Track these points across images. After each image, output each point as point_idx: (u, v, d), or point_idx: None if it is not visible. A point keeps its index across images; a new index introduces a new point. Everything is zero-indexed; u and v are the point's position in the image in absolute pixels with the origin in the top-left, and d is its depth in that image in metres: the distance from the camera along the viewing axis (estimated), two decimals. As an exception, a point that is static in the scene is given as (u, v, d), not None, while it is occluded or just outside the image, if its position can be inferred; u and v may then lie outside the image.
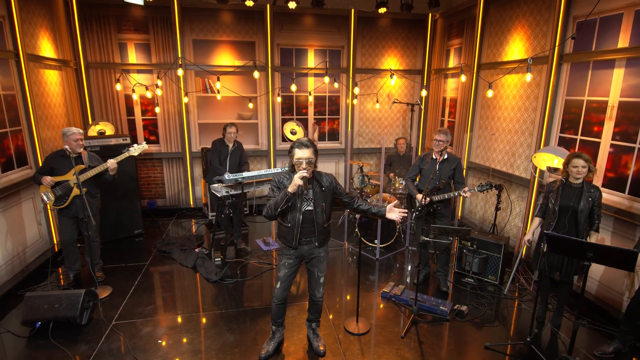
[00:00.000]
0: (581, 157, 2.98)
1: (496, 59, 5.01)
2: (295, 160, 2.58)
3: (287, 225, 2.71)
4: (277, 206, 2.57)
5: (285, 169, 4.27)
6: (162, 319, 3.46)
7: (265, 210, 2.65)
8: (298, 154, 2.58)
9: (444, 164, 3.77)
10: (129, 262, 4.55)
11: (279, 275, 2.85)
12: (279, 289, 2.86)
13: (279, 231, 2.82)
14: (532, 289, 4.02)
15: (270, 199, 2.67)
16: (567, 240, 2.42)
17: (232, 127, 4.65)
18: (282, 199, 2.54)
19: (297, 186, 2.50)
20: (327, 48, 6.45)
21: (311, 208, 2.69)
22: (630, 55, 3.28)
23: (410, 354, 3.05)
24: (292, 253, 2.79)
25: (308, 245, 2.78)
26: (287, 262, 2.81)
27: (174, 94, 6.02)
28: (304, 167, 2.55)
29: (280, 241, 2.85)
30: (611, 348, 2.95)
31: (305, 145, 2.58)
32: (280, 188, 2.68)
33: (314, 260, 2.85)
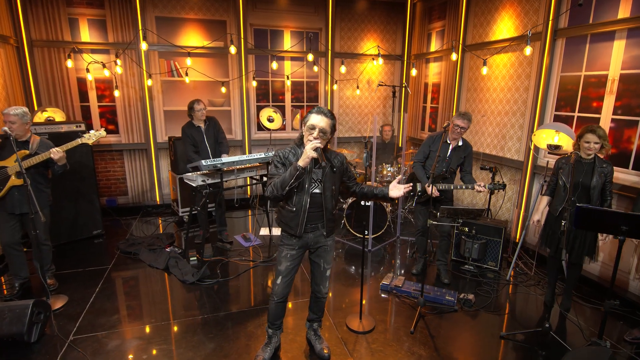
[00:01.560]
0: (595, 132, 2.81)
1: (483, 39, 4.86)
2: (307, 127, 2.19)
3: (292, 209, 2.30)
4: (284, 184, 2.15)
5: (270, 155, 3.88)
6: (132, 329, 2.93)
7: (270, 190, 2.22)
8: (313, 119, 2.18)
9: (456, 151, 3.48)
10: (88, 267, 3.92)
11: (279, 269, 2.43)
12: (279, 285, 2.44)
13: (281, 217, 2.40)
14: (532, 274, 3.87)
15: (274, 177, 2.26)
16: (600, 213, 2.21)
17: (200, 104, 4.13)
18: (291, 175, 2.13)
19: (310, 159, 2.10)
20: (304, 30, 6.05)
21: (319, 191, 2.31)
22: (632, 26, 3.18)
23: (425, 351, 2.74)
24: (295, 242, 2.39)
25: (314, 233, 2.38)
26: (289, 254, 2.40)
27: (135, 77, 5.38)
28: (315, 136, 2.16)
29: (281, 228, 2.43)
30: (634, 334, 2.80)
31: (325, 113, 2.19)
32: (286, 164, 2.27)
33: (320, 250, 2.46)
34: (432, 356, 2.69)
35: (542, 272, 3.87)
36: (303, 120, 2.26)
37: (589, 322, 3.11)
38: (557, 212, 3.03)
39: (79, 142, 3.26)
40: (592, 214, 2.23)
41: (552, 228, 3.11)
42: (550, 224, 3.14)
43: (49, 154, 3.11)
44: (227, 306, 3.27)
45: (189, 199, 5.23)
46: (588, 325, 3.06)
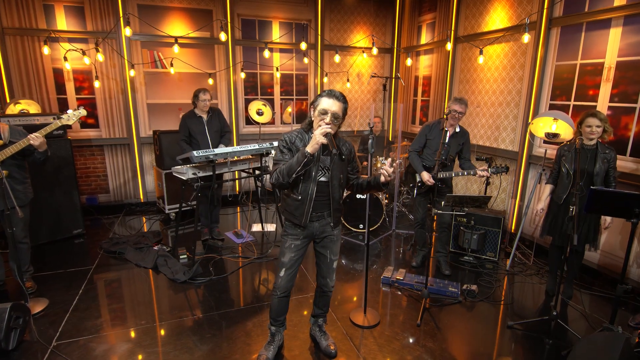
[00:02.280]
0: (596, 115, 2.79)
1: (475, 30, 4.83)
2: (319, 111, 2.05)
3: (297, 197, 2.16)
4: (291, 171, 2.01)
5: (264, 146, 3.72)
6: (120, 333, 2.72)
7: (275, 177, 2.08)
8: (325, 103, 2.05)
9: (454, 138, 3.42)
10: (69, 268, 3.66)
11: (283, 261, 2.28)
12: (283, 278, 2.29)
13: (285, 205, 2.26)
14: (531, 263, 3.86)
15: (279, 163, 2.12)
16: (614, 195, 2.17)
17: (206, 94, 3.90)
18: (298, 162, 1.98)
19: (319, 145, 1.96)
20: (293, 21, 5.90)
21: (326, 179, 2.17)
22: (628, 13, 3.19)
23: (433, 343, 2.65)
24: (300, 232, 2.25)
25: (319, 222, 2.25)
26: (294, 244, 2.26)
27: (116, 68, 5.10)
28: (328, 122, 2.02)
29: (285, 218, 2.29)
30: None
31: (337, 96, 2.06)
32: (292, 150, 2.13)
33: (327, 240, 2.33)
34: (441, 348, 2.60)
35: (540, 261, 3.87)
36: (312, 104, 2.14)
37: (592, 309, 3.10)
38: (562, 200, 3.00)
39: (59, 124, 3.00)
40: (606, 197, 2.19)
41: (555, 216, 3.08)
42: (553, 212, 3.11)
43: (27, 140, 2.86)
44: (222, 305, 3.09)
45: (177, 195, 5.00)
46: (592, 312, 3.05)
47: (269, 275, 3.64)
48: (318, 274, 2.46)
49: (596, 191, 2.18)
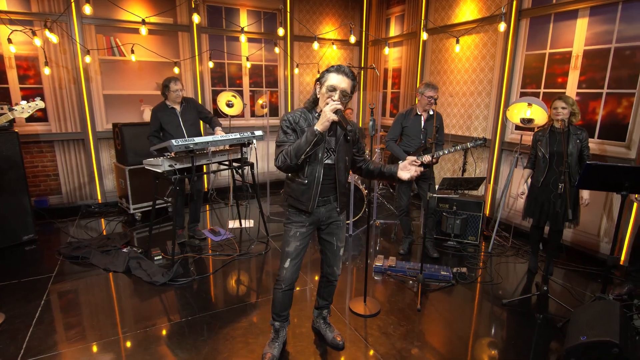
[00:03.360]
0: (562, 99, 2.96)
1: (445, 22, 4.95)
2: (327, 88, 1.92)
3: (304, 181, 2.02)
4: (299, 151, 1.86)
5: (246, 135, 3.51)
6: (102, 344, 2.40)
7: (281, 159, 1.92)
8: (333, 79, 1.92)
9: (429, 122, 3.45)
10: (24, 277, 3.21)
11: (287, 251, 2.13)
12: (288, 269, 2.14)
13: (290, 191, 2.11)
14: (509, 245, 4.01)
15: (283, 145, 1.96)
16: (607, 168, 2.27)
17: (177, 83, 3.55)
18: (307, 142, 1.84)
19: (329, 123, 1.84)
20: (262, 10, 5.69)
21: (332, 162, 2.05)
22: (594, 4, 3.41)
23: (437, 326, 2.64)
24: (305, 219, 2.11)
25: (325, 207, 2.13)
26: (299, 232, 2.12)
27: (67, 55, 4.59)
28: (337, 99, 1.90)
29: (289, 204, 2.14)
30: (625, 289, 2.98)
31: (346, 72, 1.93)
32: (296, 130, 1.98)
33: (333, 227, 2.21)
34: (445, 330, 2.59)
35: (517, 242, 4.04)
36: (318, 80, 2.00)
37: (572, 282, 3.27)
38: (540, 183, 3.14)
39: (10, 116, 2.61)
40: (600, 171, 2.29)
41: (535, 199, 3.21)
42: (533, 195, 3.24)
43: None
44: (211, 305, 2.86)
45: (144, 192, 4.62)
46: (573, 285, 3.22)
47: (255, 272, 3.44)
48: (324, 263, 2.33)
49: (591, 166, 2.27)
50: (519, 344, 2.47)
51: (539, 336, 2.56)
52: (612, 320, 2.15)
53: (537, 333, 2.59)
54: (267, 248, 3.86)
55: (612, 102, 3.40)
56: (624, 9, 3.22)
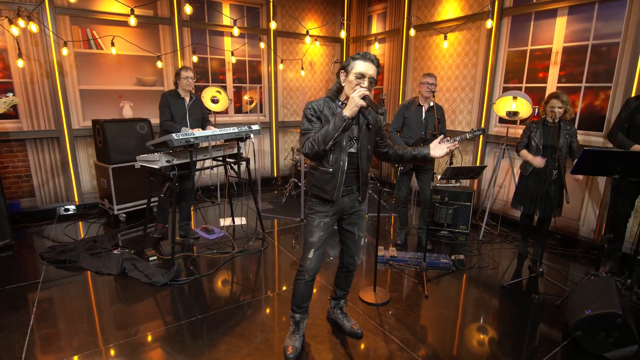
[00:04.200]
0: (559, 98, 3.12)
1: (428, 19, 5.11)
2: (355, 75, 1.92)
3: (328, 170, 2.02)
4: (327, 137, 1.86)
5: (244, 129, 3.45)
6: (115, 348, 2.28)
7: (309, 146, 1.92)
8: (360, 67, 1.92)
9: (430, 113, 3.55)
10: (7, 285, 2.97)
11: (311, 241, 2.12)
12: (312, 260, 2.13)
13: (314, 180, 2.10)
14: (497, 232, 4.21)
15: (309, 133, 1.96)
16: (602, 154, 2.45)
17: (189, 71, 3.48)
18: (335, 128, 1.85)
19: (358, 108, 1.85)
20: (244, 4, 5.60)
21: (355, 150, 2.06)
22: (572, 3, 3.65)
23: (447, 310, 2.73)
24: (329, 209, 2.11)
25: (349, 197, 2.14)
26: (323, 222, 2.11)
27: (39, 47, 4.28)
28: (366, 86, 1.92)
29: (312, 194, 2.13)
30: (607, 267, 3.21)
31: (372, 59, 1.94)
32: (321, 118, 1.98)
33: (355, 217, 2.22)
34: (455, 314, 2.69)
35: (505, 230, 4.24)
36: (343, 68, 2.00)
37: (559, 264, 3.49)
38: (529, 172, 3.31)
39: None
40: (595, 156, 2.46)
41: (526, 188, 3.39)
42: (522, 184, 3.42)
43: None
44: (220, 302, 2.80)
45: (129, 192, 4.41)
46: (561, 266, 3.44)
47: (258, 268, 3.39)
48: (344, 253, 2.34)
49: (589, 151, 2.43)
50: (524, 321, 2.61)
51: (539, 314, 2.71)
52: (611, 294, 2.32)
53: (537, 311, 2.74)
54: (266, 244, 3.81)
55: (590, 96, 3.66)
56: (600, 8, 3.48)
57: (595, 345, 2.26)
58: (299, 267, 2.20)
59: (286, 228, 4.32)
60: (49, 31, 4.26)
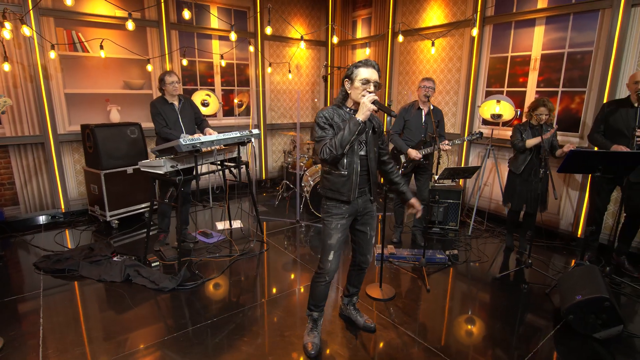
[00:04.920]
0: (546, 105, 3.37)
1: (413, 25, 5.32)
2: (360, 81, 2.04)
3: (343, 173, 2.13)
4: (344, 142, 1.97)
5: (245, 134, 3.50)
6: (143, 353, 2.28)
7: (327, 151, 2.01)
8: (364, 73, 2.04)
9: (429, 116, 3.72)
10: (6, 297, 2.88)
11: (330, 244, 2.22)
12: (332, 262, 2.23)
13: (329, 184, 2.19)
14: (484, 228, 4.46)
15: (324, 139, 2.05)
16: (586, 154, 2.70)
17: (173, 75, 3.44)
18: (351, 132, 1.96)
19: (370, 112, 1.97)
20: (232, 7, 5.61)
21: (364, 153, 2.19)
22: (549, 14, 3.94)
23: (451, 302, 2.91)
24: (345, 210, 2.21)
25: (362, 198, 2.26)
26: (340, 224, 2.22)
27: (22, 49, 4.14)
28: (372, 90, 2.04)
29: (328, 197, 2.22)
30: (586, 256, 3.49)
31: (373, 65, 2.07)
32: (333, 125, 2.08)
33: (367, 217, 2.34)
34: (458, 304, 2.88)
35: (491, 225, 4.50)
36: (347, 76, 2.11)
37: (543, 255, 3.77)
38: (520, 171, 3.55)
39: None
40: (580, 156, 2.71)
41: (514, 187, 3.63)
42: (510, 181, 3.66)
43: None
44: (232, 305, 2.84)
45: (122, 197, 4.34)
46: (545, 258, 3.71)
47: (264, 270, 3.45)
48: (356, 252, 2.45)
49: (573, 152, 2.68)
50: (519, 310, 2.82)
51: (531, 302, 2.94)
52: (597, 280, 2.57)
53: (528, 300, 2.97)
54: (267, 247, 3.87)
55: (567, 99, 3.97)
56: (575, 19, 3.79)
57: (585, 327, 2.49)
58: (318, 270, 2.29)
59: (283, 229, 4.39)
60: (34, 34, 4.11)
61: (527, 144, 3.41)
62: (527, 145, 3.41)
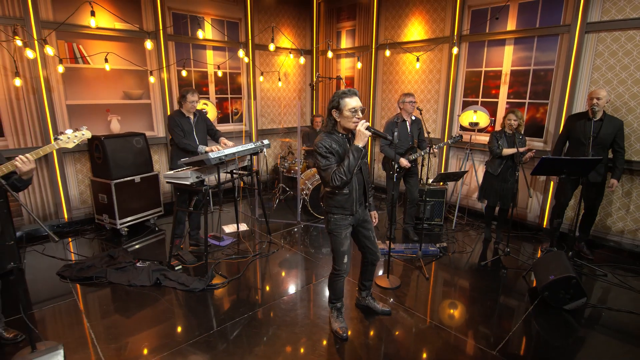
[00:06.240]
0: (515, 113, 3.96)
1: (395, 39, 5.81)
2: (349, 110, 2.34)
3: (345, 192, 2.49)
4: (351, 168, 2.32)
5: (258, 144, 3.82)
6: (191, 347, 2.58)
7: (339, 179, 2.32)
8: (351, 103, 2.34)
9: (413, 125, 4.21)
10: (44, 305, 3.05)
11: (343, 250, 2.60)
12: (347, 263, 2.65)
13: (334, 202, 2.52)
14: (465, 222, 5.05)
15: (330, 167, 2.36)
16: (553, 160, 3.29)
17: (195, 95, 3.72)
18: (356, 158, 2.31)
19: (367, 138, 2.35)
20: (225, 19, 5.83)
21: (358, 169, 2.54)
22: (517, 36, 4.55)
23: (449, 287, 3.42)
24: (350, 220, 2.58)
25: (361, 208, 2.64)
26: (347, 232, 2.60)
27: (25, 62, 4.18)
28: (360, 116, 2.38)
29: (334, 214, 2.54)
30: (548, 243, 4.13)
31: (356, 94, 2.39)
32: (334, 153, 2.38)
33: (366, 223, 2.74)
34: (454, 288, 3.39)
35: (470, 219, 5.10)
36: (334, 107, 2.37)
37: (516, 244, 4.39)
38: (497, 172, 4.12)
39: (56, 146, 2.49)
40: (549, 162, 3.29)
41: (490, 184, 4.20)
42: (488, 181, 4.24)
43: (11, 165, 2.33)
44: (262, 300, 3.18)
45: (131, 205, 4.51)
46: (517, 246, 4.33)
47: (281, 268, 3.80)
48: (367, 252, 2.83)
49: (544, 159, 3.25)
50: (502, 290, 3.38)
51: (511, 282, 3.51)
52: (564, 263, 3.16)
53: (508, 282, 3.54)
54: (277, 248, 4.21)
55: (532, 110, 4.62)
56: (539, 41, 4.42)
57: (557, 301, 3.07)
58: (334, 271, 2.67)
59: (287, 230, 4.74)
60: (35, 47, 4.17)
61: (504, 153, 3.98)
62: (504, 153, 3.99)
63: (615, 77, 3.92)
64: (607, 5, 3.89)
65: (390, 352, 2.58)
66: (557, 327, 2.88)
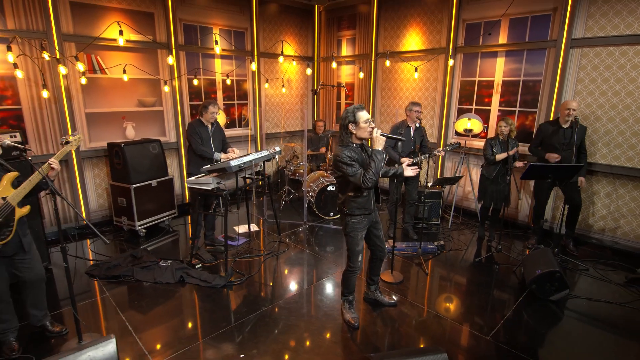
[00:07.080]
0: (505, 120, 4.32)
1: (394, 48, 6.14)
2: (364, 122, 2.68)
3: (365, 194, 2.83)
4: (379, 169, 2.65)
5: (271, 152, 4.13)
6: (250, 333, 2.89)
7: (369, 180, 2.64)
8: (365, 115, 2.69)
9: (416, 132, 4.55)
10: (80, 302, 3.33)
11: (358, 250, 2.93)
12: (361, 261, 2.99)
13: (356, 205, 2.83)
14: (459, 222, 5.42)
15: (358, 173, 2.67)
16: (540, 167, 3.65)
17: (215, 107, 4.03)
18: (380, 160, 2.65)
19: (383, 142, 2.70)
20: (232, 29, 6.10)
21: None
22: (508, 49, 4.91)
23: (446, 282, 3.77)
24: (367, 222, 2.92)
25: (374, 209, 2.99)
26: (362, 234, 2.93)
27: (49, 73, 4.43)
28: (373, 125, 2.74)
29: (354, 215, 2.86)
30: (534, 240, 4.51)
31: (363, 107, 2.75)
32: (358, 161, 2.72)
33: (377, 224, 3.07)
34: (454, 282, 3.74)
35: (465, 219, 5.47)
36: (351, 121, 2.70)
37: (507, 241, 4.76)
38: (492, 176, 4.48)
39: (68, 149, 2.75)
40: (537, 168, 3.65)
41: (485, 187, 4.56)
42: (484, 184, 4.59)
43: (47, 167, 2.62)
44: (280, 294, 3.50)
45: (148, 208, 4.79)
46: (508, 243, 4.70)
47: (294, 265, 4.11)
48: (375, 250, 3.17)
49: (532, 165, 3.61)
50: (495, 283, 3.74)
51: (503, 277, 3.87)
52: (550, 258, 3.52)
53: (500, 276, 3.91)
54: (287, 247, 4.53)
55: (522, 117, 4.99)
56: (528, 54, 4.78)
57: (544, 293, 3.44)
58: (349, 268, 3.00)
59: (295, 230, 5.06)
60: (56, 54, 4.42)
61: (497, 158, 4.34)
62: (497, 159, 4.35)
63: (597, 89, 4.29)
64: (590, 23, 4.26)
65: (397, 338, 2.92)
66: (544, 315, 3.24)
